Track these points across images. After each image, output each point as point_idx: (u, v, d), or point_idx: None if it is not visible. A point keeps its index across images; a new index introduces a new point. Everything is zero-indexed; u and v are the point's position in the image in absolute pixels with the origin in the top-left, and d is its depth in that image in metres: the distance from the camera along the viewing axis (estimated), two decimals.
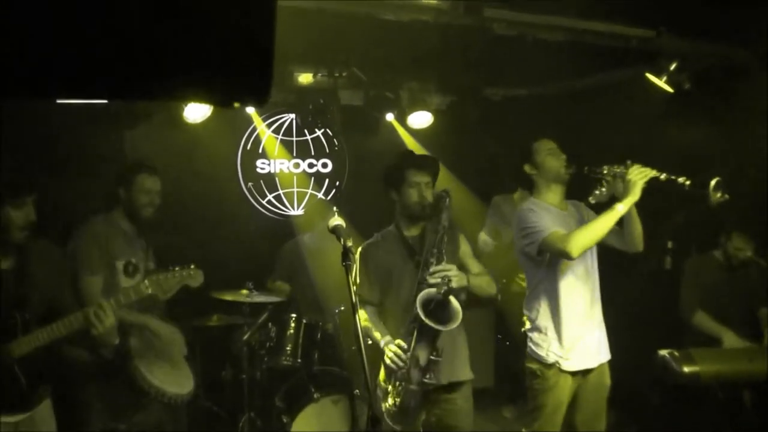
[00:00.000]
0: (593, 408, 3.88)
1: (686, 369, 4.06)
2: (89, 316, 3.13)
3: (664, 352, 4.21)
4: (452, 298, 3.42)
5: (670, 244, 5.84)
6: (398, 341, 3.49)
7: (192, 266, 3.56)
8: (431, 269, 3.50)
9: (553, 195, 3.91)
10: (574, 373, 3.79)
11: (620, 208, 3.56)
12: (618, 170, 3.66)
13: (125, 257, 4.13)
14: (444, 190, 3.69)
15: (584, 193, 3.94)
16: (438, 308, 3.41)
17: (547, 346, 3.79)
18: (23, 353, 3.06)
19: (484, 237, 6.02)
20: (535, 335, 3.86)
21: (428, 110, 6.29)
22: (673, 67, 5.17)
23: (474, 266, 3.86)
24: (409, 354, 3.42)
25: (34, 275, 3.15)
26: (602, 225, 3.60)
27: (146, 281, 3.36)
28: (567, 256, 3.60)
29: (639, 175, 3.55)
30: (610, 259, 4.07)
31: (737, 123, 5.08)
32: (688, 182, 3.51)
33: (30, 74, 0.81)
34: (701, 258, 5.01)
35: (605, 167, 3.73)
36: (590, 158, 4.03)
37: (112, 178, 4.22)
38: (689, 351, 4.22)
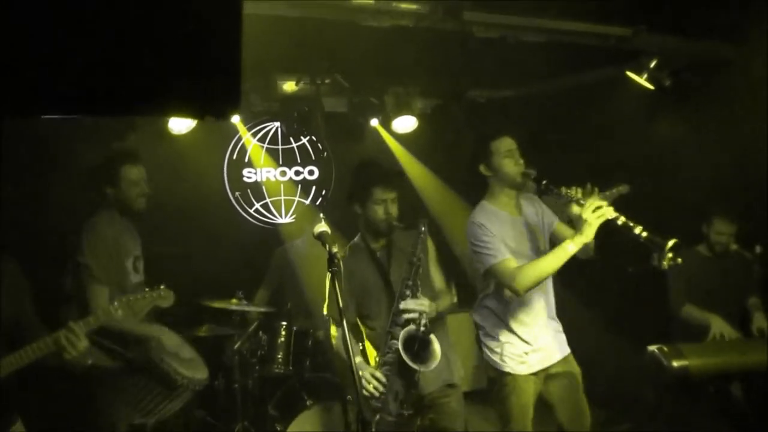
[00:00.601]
0: (572, 401, 3.79)
1: (675, 363, 4.09)
2: (60, 340, 3.05)
3: (653, 348, 4.24)
4: (433, 336, 3.45)
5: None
6: (374, 372, 3.48)
7: (162, 287, 3.51)
8: (405, 304, 3.51)
9: (506, 199, 3.77)
10: (535, 374, 3.71)
11: (570, 248, 3.35)
12: (575, 195, 3.42)
13: (131, 254, 4.16)
14: (421, 219, 3.69)
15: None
16: (419, 346, 3.44)
17: (500, 351, 3.71)
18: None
19: None
20: (488, 342, 3.78)
21: (413, 114, 6.31)
22: (653, 64, 5.23)
23: (437, 278, 3.88)
24: (386, 386, 3.43)
25: (6, 290, 3.06)
26: (552, 263, 3.43)
27: (116, 303, 3.31)
28: (514, 292, 3.50)
29: (594, 216, 3.27)
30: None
31: (718, 117, 5.13)
32: (644, 234, 3.22)
33: (12, 93, 0.81)
34: (686, 253, 5.04)
35: (563, 188, 3.47)
36: (573, 157, 4.08)
37: (95, 178, 4.13)
38: (678, 345, 4.26)
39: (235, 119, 6.39)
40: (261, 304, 5.56)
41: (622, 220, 3.27)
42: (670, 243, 3.20)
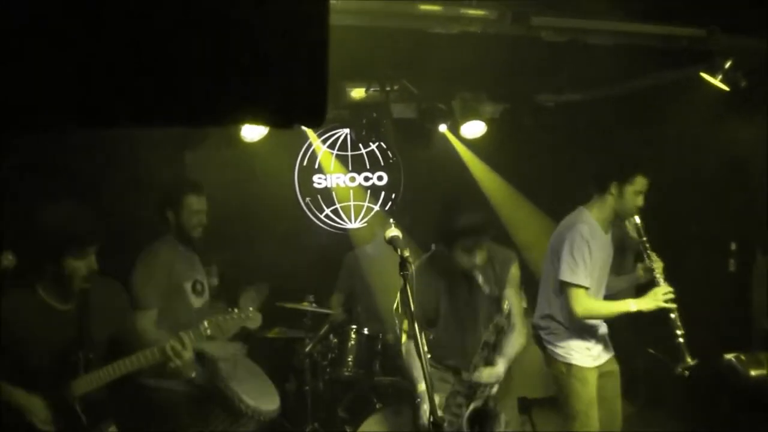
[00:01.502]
0: (612, 401, 4.10)
1: (753, 373, 4.00)
2: (167, 350, 3.14)
3: (729, 356, 4.14)
4: (499, 411, 3.50)
5: (733, 246, 5.73)
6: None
7: (251, 309, 3.60)
8: (478, 376, 3.47)
9: (605, 218, 4.01)
10: (596, 368, 4.01)
11: (632, 307, 3.79)
12: (655, 266, 3.91)
13: (191, 278, 4.20)
14: (512, 254, 3.80)
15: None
16: (484, 421, 3.48)
17: (566, 345, 4.00)
18: (85, 391, 3.05)
19: None
20: (553, 339, 4.06)
21: (481, 119, 6.30)
22: (727, 65, 5.09)
23: (516, 302, 3.75)
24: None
25: (95, 312, 3.14)
26: (612, 310, 3.89)
27: (206, 323, 3.38)
28: (571, 314, 3.86)
29: (662, 299, 3.77)
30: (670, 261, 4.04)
31: None
32: (680, 340, 3.76)
33: (88, 103, 0.84)
34: (766, 260, 4.89)
35: (654, 258, 3.94)
36: (644, 162, 4.05)
37: (159, 201, 4.22)
38: (757, 354, 4.15)
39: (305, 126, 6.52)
40: (336, 308, 5.66)
41: (675, 315, 3.78)
42: (691, 362, 3.74)
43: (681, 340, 3.75)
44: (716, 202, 5.57)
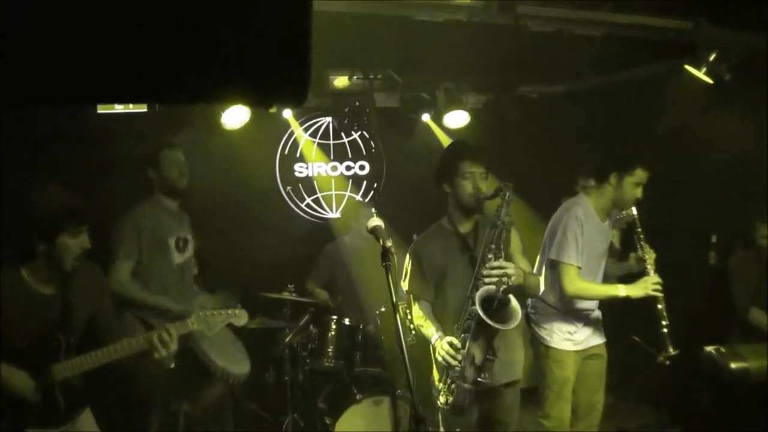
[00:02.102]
0: (594, 382, 4.18)
1: (734, 365, 4.01)
2: (153, 341, 3.10)
3: (710, 349, 4.15)
4: (512, 297, 3.34)
5: (714, 239, 5.75)
6: (451, 339, 3.38)
7: (238, 306, 3.65)
8: (489, 265, 3.36)
9: (602, 208, 4.08)
10: (576, 352, 4.09)
11: (621, 292, 3.85)
12: (647, 256, 4.01)
13: (175, 233, 4.38)
14: (504, 184, 3.52)
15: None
16: (497, 306, 3.31)
17: (549, 328, 4.10)
18: (65, 376, 3.03)
19: None
20: (539, 319, 4.16)
21: (464, 109, 6.27)
22: (712, 57, 5.09)
23: (523, 264, 3.69)
24: (464, 352, 3.33)
25: (76, 296, 3.13)
26: (601, 293, 3.99)
27: (193, 317, 3.40)
28: (562, 291, 3.94)
29: (651, 288, 3.84)
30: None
31: None
32: (665, 330, 3.84)
33: (63, 78, 0.82)
34: (746, 253, 4.92)
35: (647, 249, 4.03)
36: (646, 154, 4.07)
37: (140, 163, 4.40)
38: (736, 347, 4.17)
39: (287, 114, 6.45)
40: (320, 301, 5.62)
41: (661, 305, 3.85)
42: (672, 352, 3.82)
43: (665, 330, 3.81)
44: (698, 194, 5.59)
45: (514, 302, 3.35)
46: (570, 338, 4.08)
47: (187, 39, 0.75)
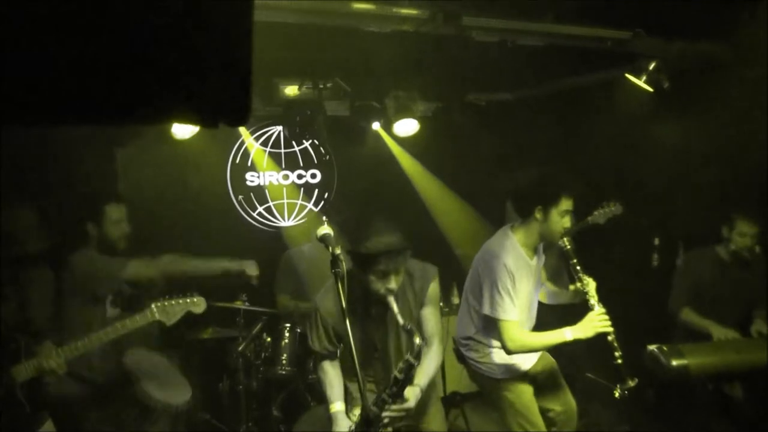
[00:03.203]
0: (557, 390, 4.09)
1: (675, 363, 4.12)
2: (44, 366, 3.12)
3: (652, 347, 4.26)
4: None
5: (656, 241, 5.92)
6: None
7: (195, 294, 3.67)
8: (387, 410, 3.20)
9: (531, 243, 3.87)
10: (524, 375, 3.94)
11: (568, 336, 3.64)
12: (588, 289, 3.78)
13: (109, 291, 4.05)
14: (420, 345, 3.13)
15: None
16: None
17: (488, 360, 3.93)
18: (24, 379, 3.06)
19: None
20: (473, 354, 3.99)
21: (414, 118, 6.34)
22: (651, 66, 5.26)
23: (432, 321, 3.55)
24: None
25: (32, 299, 3.16)
26: (547, 342, 3.74)
27: (153, 307, 3.41)
28: (504, 349, 3.73)
29: (599, 323, 3.64)
30: (597, 256, 4.15)
31: (718, 118, 5.16)
32: (619, 361, 3.66)
33: (11, 101, 0.82)
34: (700, 253, 4.98)
35: (586, 280, 3.80)
36: (574, 159, 4.15)
37: (78, 211, 4.07)
38: (677, 345, 4.29)
39: None
40: (285, 308, 5.62)
41: (612, 337, 3.66)
42: (631, 384, 3.67)
43: (619, 361, 3.66)
44: (640, 197, 5.74)
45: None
46: (514, 363, 3.90)
47: (130, 61, 0.78)
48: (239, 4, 0.80)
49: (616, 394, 3.70)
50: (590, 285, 3.79)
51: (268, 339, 5.24)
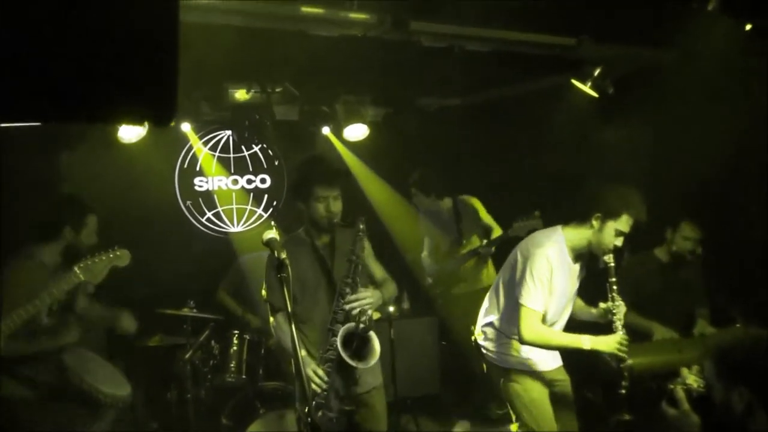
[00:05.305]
0: (564, 411, 3.99)
1: (620, 363, 4.19)
2: None
3: None
4: (372, 333, 3.48)
5: None
6: (316, 369, 3.45)
7: (116, 247, 3.61)
8: (347, 299, 3.51)
9: (581, 245, 3.78)
10: (538, 373, 3.89)
11: (586, 344, 3.62)
12: (616, 311, 3.74)
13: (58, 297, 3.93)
14: (360, 218, 3.65)
15: None
16: (359, 343, 3.46)
17: (503, 351, 3.90)
18: None
19: (426, 259, 6.11)
20: (488, 344, 3.98)
21: (364, 122, 6.36)
22: (596, 72, 5.37)
23: (377, 270, 3.86)
24: (329, 382, 3.42)
25: None
26: (562, 343, 3.72)
27: (76, 269, 3.36)
28: (518, 337, 3.70)
29: (616, 347, 3.63)
30: None
31: (658, 121, 5.27)
32: (624, 392, 3.72)
33: None
34: (640, 257, 5.08)
35: (618, 301, 3.75)
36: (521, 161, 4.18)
37: (52, 210, 4.14)
38: None
39: (186, 128, 6.36)
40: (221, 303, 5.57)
41: (625, 364, 3.70)
42: (627, 418, 3.82)
43: (624, 391, 3.69)
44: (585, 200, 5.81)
45: (374, 338, 3.50)
46: (527, 358, 3.86)
47: (50, 61, 0.77)
48: (164, 3, 0.79)
49: (611, 423, 3.83)
50: (621, 308, 3.75)
51: (217, 346, 5.17)
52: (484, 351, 4.01)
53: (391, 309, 5.13)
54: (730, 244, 5.00)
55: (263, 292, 3.73)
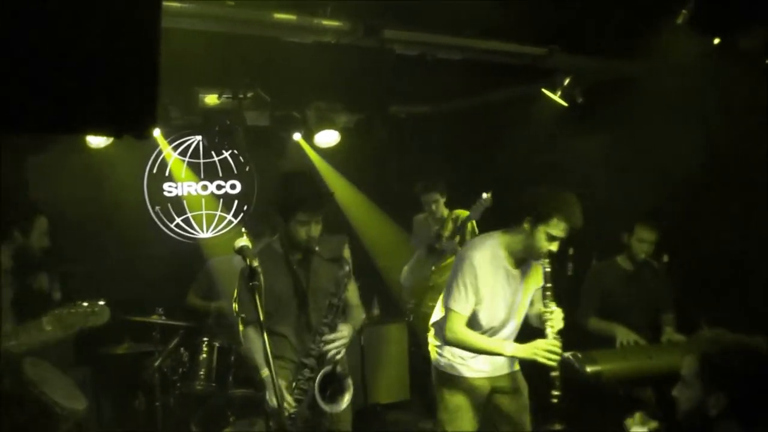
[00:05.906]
0: (516, 418, 3.95)
1: (589, 369, 4.22)
2: None
3: (567, 354, 4.35)
4: (349, 382, 3.53)
5: (571, 251, 6.07)
6: (286, 396, 3.41)
7: (99, 302, 3.37)
8: (325, 338, 3.48)
9: (517, 249, 3.69)
10: (475, 379, 3.86)
11: (508, 350, 3.59)
12: (550, 318, 3.57)
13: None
14: (345, 260, 3.57)
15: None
16: (335, 388, 3.50)
17: (442, 353, 3.91)
18: None
19: (405, 272, 6.08)
20: (432, 339, 4.01)
21: (335, 129, 6.36)
22: (566, 82, 5.44)
23: (353, 296, 3.80)
24: (295, 409, 3.42)
25: None
26: (483, 346, 3.64)
27: (45, 318, 3.19)
28: (441, 337, 3.77)
29: (539, 352, 3.49)
30: None
31: (626, 132, 5.35)
32: (555, 401, 3.53)
33: None
34: (603, 265, 5.12)
35: (552, 308, 3.59)
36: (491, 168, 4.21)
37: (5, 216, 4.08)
38: (591, 352, 4.40)
39: (156, 133, 6.30)
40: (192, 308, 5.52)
41: (556, 374, 3.51)
42: (558, 427, 3.85)
43: (555, 401, 3.52)
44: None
45: (349, 389, 3.54)
46: (463, 363, 3.84)
47: (30, 67, 0.76)
48: (146, 14, 0.79)
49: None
50: (555, 314, 3.60)
51: (186, 353, 5.12)
52: (431, 347, 4.04)
53: (363, 316, 5.12)
54: (697, 251, 5.08)
55: (234, 305, 3.67)
